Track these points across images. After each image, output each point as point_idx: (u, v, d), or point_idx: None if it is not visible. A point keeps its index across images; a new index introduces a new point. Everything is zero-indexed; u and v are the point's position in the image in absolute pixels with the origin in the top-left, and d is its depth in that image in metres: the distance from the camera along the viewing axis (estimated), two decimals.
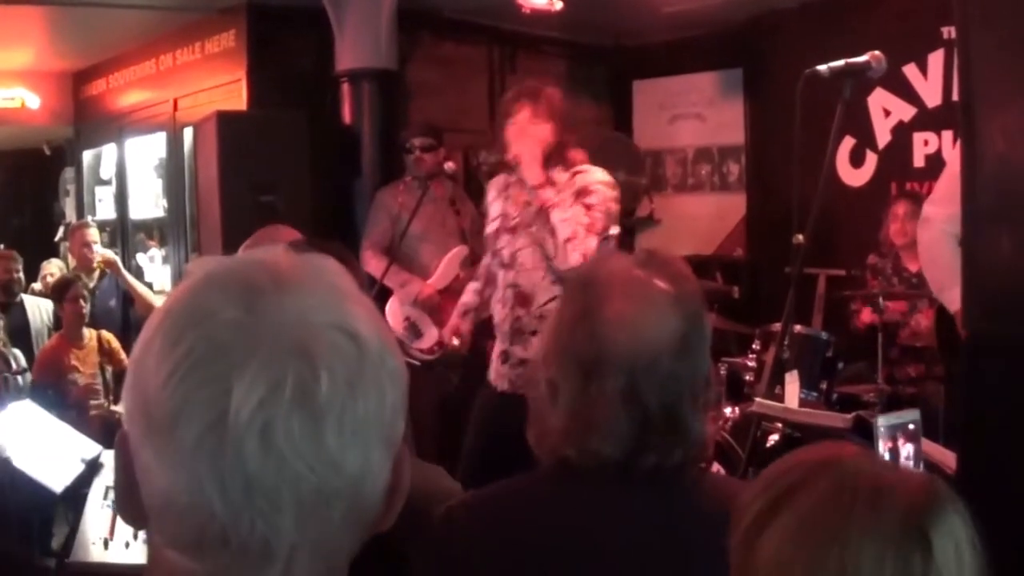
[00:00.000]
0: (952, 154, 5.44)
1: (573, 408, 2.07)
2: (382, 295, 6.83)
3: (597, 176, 5.10)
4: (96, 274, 8.58)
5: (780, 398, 4.71)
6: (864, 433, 3.75)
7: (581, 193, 5.00)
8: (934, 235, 4.75)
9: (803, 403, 5.07)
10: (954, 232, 4.17)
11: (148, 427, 1.10)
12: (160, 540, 1.14)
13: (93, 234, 8.83)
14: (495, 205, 5.36)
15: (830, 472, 1.43)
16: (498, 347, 5.39)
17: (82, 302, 7.43)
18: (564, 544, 2.05)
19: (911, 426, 2.35)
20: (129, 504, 1.16)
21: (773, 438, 5.44)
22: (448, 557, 2.13)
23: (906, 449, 2.12)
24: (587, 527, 2.06)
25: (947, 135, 7.87)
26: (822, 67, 3.92)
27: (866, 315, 7.12)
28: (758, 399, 4.22)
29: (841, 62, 3.93)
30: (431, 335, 7.00)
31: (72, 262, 9.43)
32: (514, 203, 5.26)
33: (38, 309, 8.36)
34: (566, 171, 5.09)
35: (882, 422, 2.11)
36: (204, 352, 1.08)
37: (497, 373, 5.31)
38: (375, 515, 1.19)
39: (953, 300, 4.42)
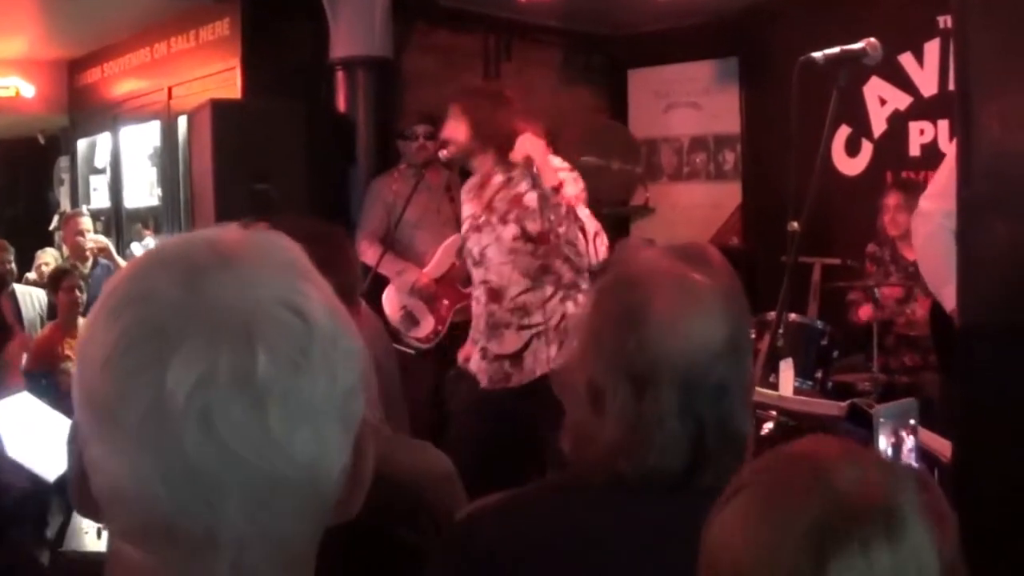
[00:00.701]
0: (950, 147, 5.44)
1: (626, 421, 1.93)
2: (377, 283, 6.82)
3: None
4: (90, 262, 8.58)
5: (775, 386, 4.71)
6: (859, 421, 3.75)
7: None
8: (931, 231, 4.72)
9: (798, 392, 5.07)
10: (952, 227, 4.12)
11: (92, 414, 1.06)
12: (113, 531, 1.11)
13: (86, 223, 8.83)
14: (466, 207, 5.46)
15: (801, 464, 1.39)
16: (477, 343, 5.46)
17: (78, 292, 7.43)
18: (603, 556, 1.94)
19: (911, 419, 2.33)
20: (81, 495, 1.11)
21: (768, 426, 5.43)
22: (469, 562, 2.00)
23: (910, 440, 2.10)
24: (631, 539, 1.94)
25: (943, 124, 7.86)
26: (817, 54, 3.91)
27: (864, 312, 7.11)
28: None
29: (836, 49, 3.92)
30: (427, 323, 7.01)
31: (66, 251, 9.42)
32: (479, 202, 5.34)
33: (30, 298, 8.35)
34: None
35: (883, 414, 2.09)
36: (141, 333, 1.04)
37: (478, 368, 5.35)
38: (334, 502, 1.13)
39: (950, 297, 4.38)
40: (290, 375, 1.04)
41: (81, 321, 7.41)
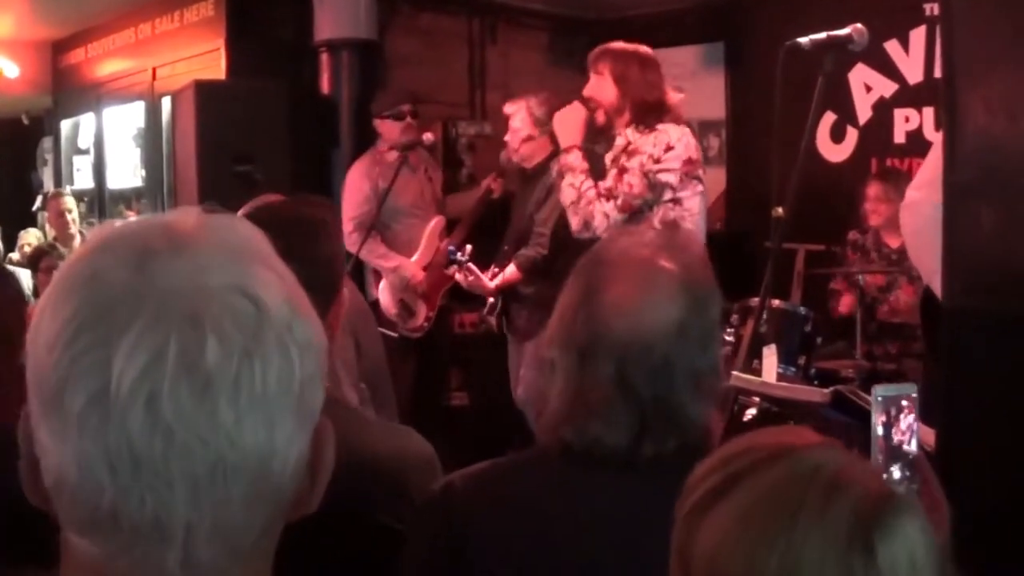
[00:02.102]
0: (937, 136, 5.46)
1: (569, 389, 2.05)
2: (360, 265, 6.83)
3: None
4: (76, 242, 8.57)
5: (758, 372, 4.70)
6: (843, 409, 3.74)
7: None
8: (920, 222, 4.71)
9: (781, 378, 5.06)
10: (940, 217, 4.19)
11: (39, 399, 1.04)
12: (63, 521, 1.08)
13: (69, 202, 8.80)
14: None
15: (786, 460, 1.38)
16: None
17: (55, 272, 7.40)
18: (560, 528, 2.03)
19: (905, 401, 2.33)
20: (32, 484, 1.09)
21: (751, 412, 5.43)
22: (444, 532, 2.08)
23: (906, 421, 2.09)
24: (583, 512, 2.03)
25: (928, 112, 7.86)
26: (803, 39, 3.91)
27: (844, 304, 7.12)
28: (735, 373, 4.20)
29: (822, 35, 3.92)
30: (421, 312, 7.07)
31: (50, 232, 9.39)
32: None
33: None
34: None
35: (880, 392, 2.09)
36: (88, 316, 1.02)
37: None
38: (291, 494, 1.11)
39: (933, 277, 4.41)
40: (240, 362, 1.02)
41: None
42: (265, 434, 1.05)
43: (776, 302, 6.16)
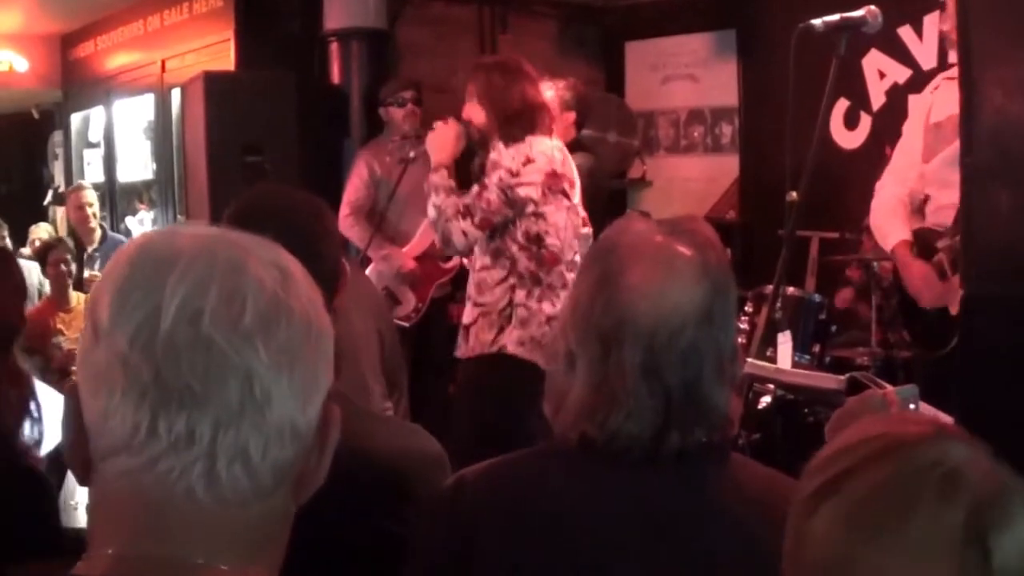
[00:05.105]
0: (908, 126, 5.60)
1: (592, 381, 1.98)
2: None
3: None
4: (98, 235, 8.58)
5: (772, 360, 4.67)
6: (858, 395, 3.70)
7: None
8: (877, 204, 5.30)
9: (796, 365, 5.03)
10: (900, 196, 5.10)
11: (92, 345, 1.16)
12: (100, 455, 1.17)
13: (89, 195, 8.81)
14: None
15: (898, 454, 1.35)
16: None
17: (63, 266, 7.39)
18: (579, 525, 1.98)
19: (912, 404, 2.31)
20: (77, 455, 1.19)
21: (765, 399, 5.40)
22: (454, 530, 2.04)
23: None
24: (604, 508, 1.98)
25: None
26: (816, 21, 3.88)
27: (841, 299, 7.11)
28: (750, 360, 4.17)
29: (836, 16, 3.89)
30: (408, 302, 7.06)
31: (62, 226, 9.40)
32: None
33: (28, 273, 8.32)
34: None
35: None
36: (144, 265, 1.16)
37: None
38: (304, 453, 1.21)
39: (886, 239, 5.09)
40: (273, 309, 1.16)
41: (74, 295, 7.36)
42: (288, 380, 1.16)
43: (791, 289, 6.14)
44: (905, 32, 8.01)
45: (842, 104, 8.35)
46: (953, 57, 7.42)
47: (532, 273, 5.04)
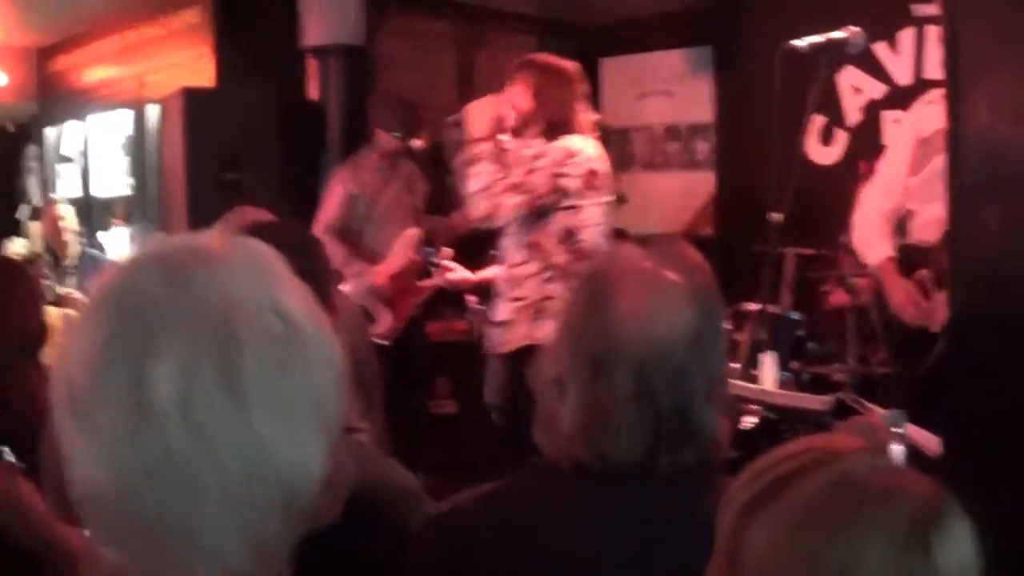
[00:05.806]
0: (892, 144, 5.71)
1: (582, 404, 1.99)
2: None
3: None
4: (72, 251, 8.55)
5: (755, 379, 4.68)
6: (844, 416, 3.71)
7: None
8: (859, 217, 5.41)
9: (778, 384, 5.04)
10: (881, 210, 5.18)
11: (73, 413, 1.08)
12: (94, 535, 1.12)
13: (62, 210, 8.77)
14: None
15: (838, 463, 1.37)
16: None
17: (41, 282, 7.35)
18: (570, 545, 1.99)
19: (898, 428, 2.32)
20: (57, 499, 1.14)
21: (750, 421, 5.41)
22: (450, 552, 2.04)
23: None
24: (595, 529, 1.99)
25: None
26: (800, 42, 3.90)
27: (836, 298, 7.11)
28: (732, 381, 4.18)
29: (820, 37, 3.91)
30: (384, 320, 6.98)
31: (38, 241, 9.35)
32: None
33: None
34: None
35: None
36: (121, 330, 1.07)
37: None
38: (312, 504, 1.16)
39: (873, 256, 5.17)
40: (273, 375, 1.08)
41: (49, 309, 7.31)
42: (293, 444, 1.11)
43: (768, 307, 6.15)
44: (880, 48, 8.07)
45: (817, 120, 8.40)
46: (928, 73, 7.53)
47: (567, 266, 5.15)
